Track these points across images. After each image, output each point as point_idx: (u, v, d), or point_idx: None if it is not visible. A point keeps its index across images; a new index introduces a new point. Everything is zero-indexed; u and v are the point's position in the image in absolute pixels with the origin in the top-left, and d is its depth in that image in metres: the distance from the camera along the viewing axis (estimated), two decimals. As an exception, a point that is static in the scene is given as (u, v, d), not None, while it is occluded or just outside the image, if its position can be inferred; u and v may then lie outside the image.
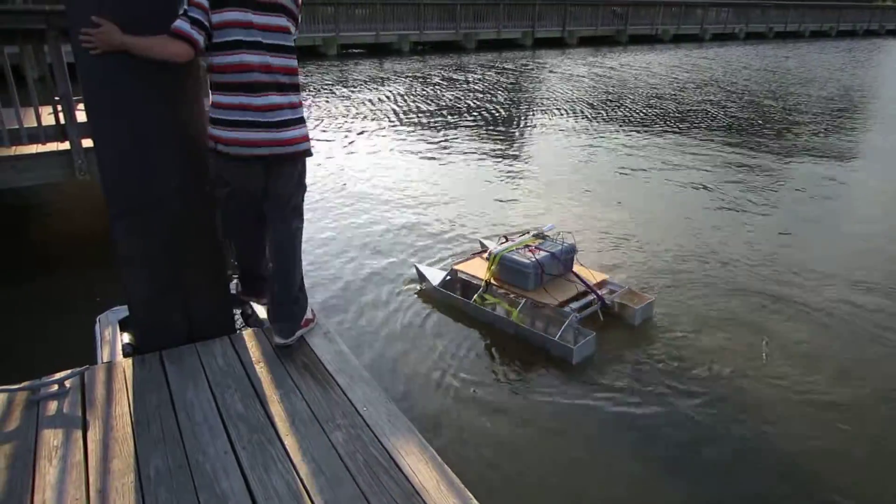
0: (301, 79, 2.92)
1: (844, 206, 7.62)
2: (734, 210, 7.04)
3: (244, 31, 2.58)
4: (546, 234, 4.84)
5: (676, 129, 11.33)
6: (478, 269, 4.69)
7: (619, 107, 13.46)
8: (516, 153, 9.57)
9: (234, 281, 3.34)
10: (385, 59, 21.13)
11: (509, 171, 8.40)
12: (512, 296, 4.40)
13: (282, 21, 2.70)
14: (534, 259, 4.34)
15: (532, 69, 20.15)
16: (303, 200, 2.99)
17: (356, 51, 22.51)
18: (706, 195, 7.56)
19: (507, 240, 4.82)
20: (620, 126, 11.47)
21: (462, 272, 4.74)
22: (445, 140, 9.95)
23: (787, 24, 37.92)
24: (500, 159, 8.99)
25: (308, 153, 2.85)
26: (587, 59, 22.87)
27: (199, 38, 2.52)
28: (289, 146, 2.74)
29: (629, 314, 4.43)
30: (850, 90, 17.55)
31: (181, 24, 2.49)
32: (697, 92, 16.09)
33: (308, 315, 3.11)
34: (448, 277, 4.76)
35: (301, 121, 2.80)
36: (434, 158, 8.87)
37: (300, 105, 2.81)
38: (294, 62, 2.78)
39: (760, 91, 16.70)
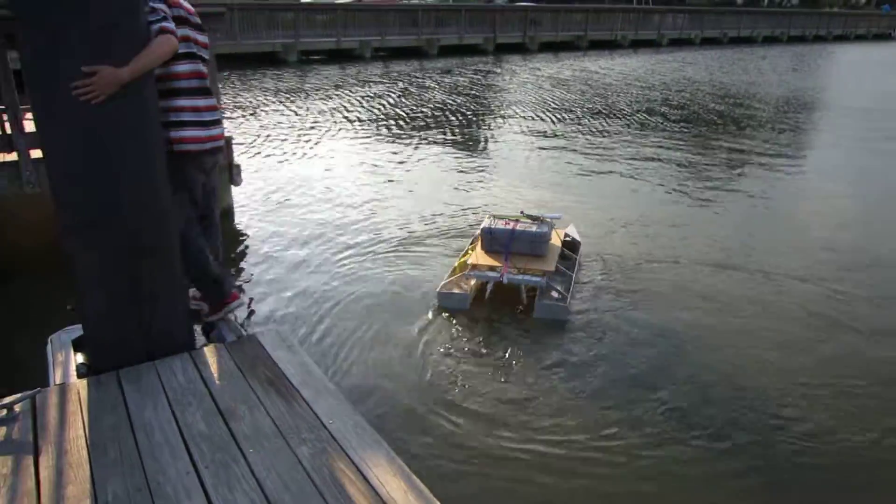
0: (261, 86, 3.08)
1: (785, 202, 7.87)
2: (687, 201, 7.19)
3: (191, 45, 2.97)
4: (544, 219, 5.13)
5: (635, 130, 11.51)
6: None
7: (579, 109, 13.61)
8: (480, 156, 9.62)
9: (192, 294, 3.27)
10: (347, 64, 21.02)
11: (473, 173, 8.44)
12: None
13: (207, 39, 3.16)
14: (489, 226, 4.93)
15: (494, 74, 20.28)
16: None
17: (317, 57, 22.35)
18: (667, 195, 7.71)
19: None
20: (580, 127, 11.60)
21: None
22: (408, 144, 9.93)
23: (740, 29, 38.86)
24: (463, 162, 9.01)
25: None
26: (548, 64, 23.12)
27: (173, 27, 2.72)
28: (221, 140, 3.20)
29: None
30: (800, 91, 18.07)
31: (165, 24, 2.65)
32: (653, 93, 16.38)
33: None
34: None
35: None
36: (396, 162, 8.84)
37: None
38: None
39: (716, 93, 17.07)
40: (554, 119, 12.66)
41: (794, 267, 5.74)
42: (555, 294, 4.69)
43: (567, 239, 5.60)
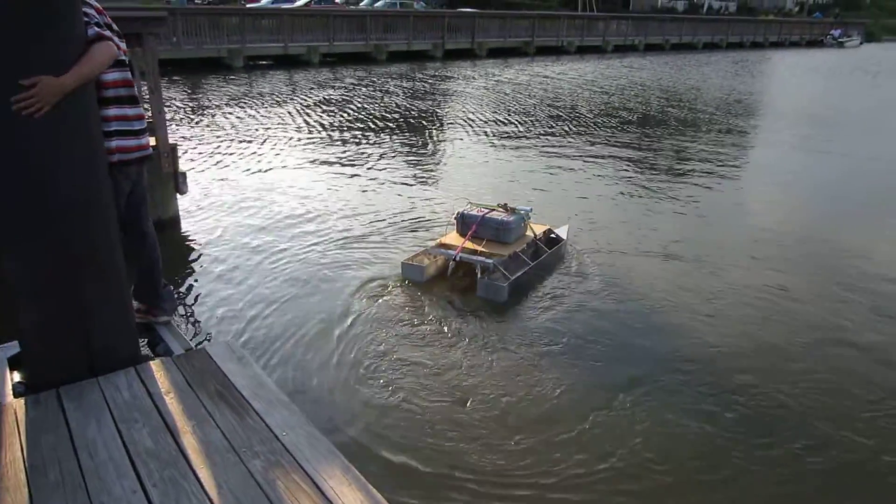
0: (206, 93, 3.03)
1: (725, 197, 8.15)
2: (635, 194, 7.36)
3: (119, 53, 2.85)
4: (515, 210, 5.53)
5: (580, 131, 11.70)
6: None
7: (524, 113, 13.77)
8: (434, 158, 9.65)
9: (137, 307, 3.18)
10: (294, 70, 20.78)
11: (422, 177, 8.44)
12: None
13: (124, 45, 3.03)
14: (460, 212, 5.52)
15: (443, 79, 20.35)
16: None
17: (264, 63, 22.04)
18: (619, 192, 7.87)
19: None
20: (536, 129, 11.73)
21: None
22: (360, 149, 9.86)
23: (681, 36, 40.01)
24: (412, 167, 9.00)
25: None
26: (497, 70, 23.34)
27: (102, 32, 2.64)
28: (148, 150, 3.16)
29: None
30: (741, 95, 18.71)
31: (101, 29, 2.60)
32: (605, 97, 16.70)
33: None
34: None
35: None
36: (348, 167, 8.76)
37: None
38: None
39: (665, 97, 17.51)
40: (510, 121, 12.77)
41: (734, 255, 6.12)
42: (499, 277, 4.96)
43: (552, 236, 5.85)
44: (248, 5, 31.72)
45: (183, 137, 10.15)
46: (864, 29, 56.00)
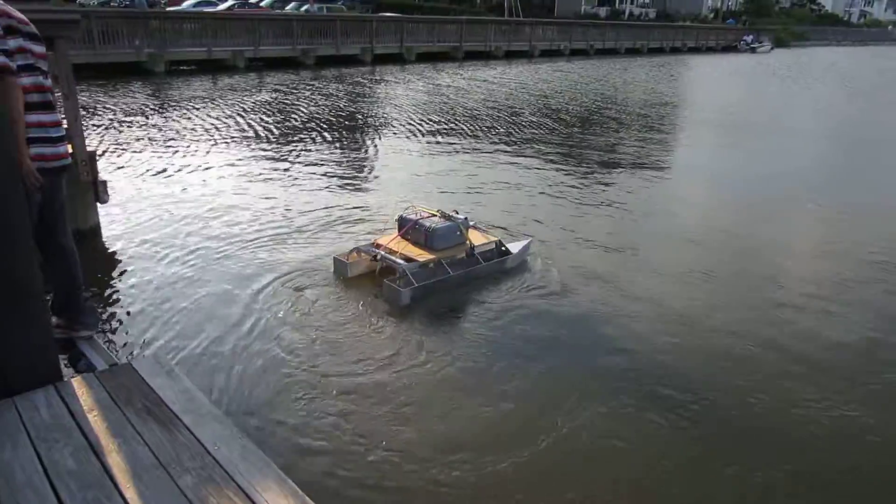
0: (125, 98, 2.94)
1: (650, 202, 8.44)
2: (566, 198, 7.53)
3: (27, 56, 2.81)
4: (451, 216, 5.49)
5: (507, 136, 11.87)
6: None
7: (453, 117, 13.85)
8: (358, 165, 9.55)
9: (56, 323, 3.04)
10: (219, 75, 20.27)
11: (351, 183, 8.36)
12: None
13: (44, 49, 2.96)
14: (401, 214, 5.57)
15: (371, 85, 20.28)
16: None
17: (187, 67, 21.41)
18: (549, 195, 8.01)
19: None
20: (459, 136, 11.82)
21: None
22: (286, 155, 9.69)
23: (605, 42, 41.16)
24: (345, 169, 8.92)
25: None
26: (424, 74, 23.41)
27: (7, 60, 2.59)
28: (67, 159, 3.06)
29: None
30: (664, 97, 19.40)
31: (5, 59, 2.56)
32: (537, 100, 16.98)
33: None
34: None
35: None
36: (274, 174, 8.59)
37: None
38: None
39: (593, 101, 17.96)
40: (449, 125, 12.82)
41: (663, 250, 6.43)
42: (405, 281, 4.96)
43: (502, 248, 5.65)
44: (169, 8, 30.89)
45: (102, 145, 9.75)
46: (774, 35, 58.96)
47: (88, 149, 5.74)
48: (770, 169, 10.68)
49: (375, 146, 11.12)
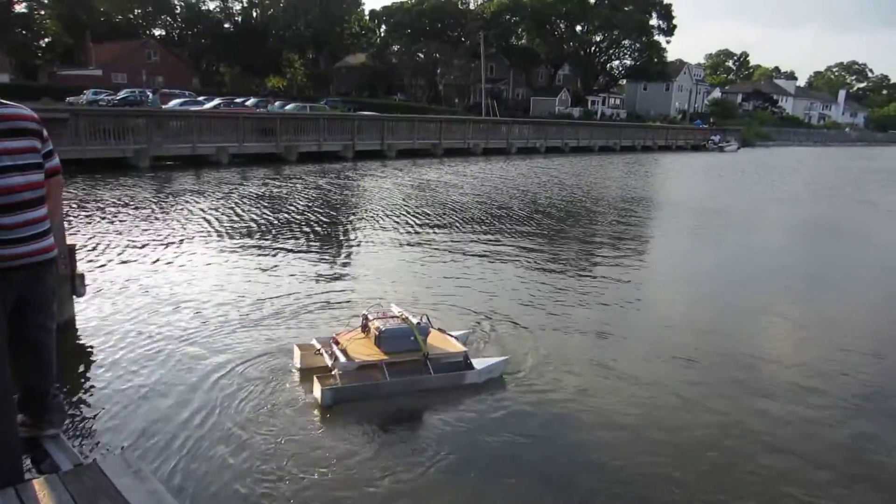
0: (109, 192, 2.98)
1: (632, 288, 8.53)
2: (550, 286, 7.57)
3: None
4: (408, 318, 5.29)
5: (492, 228, 12.07)
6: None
7: (439, 210, 14.10)
8: (341, 257, 9.63)
9: (21, 420, 2.95)
10: (203, 170, 20.60)
11: (333, 274, 8.38)
12: None
13: (21, 144, 2.88)
14: (364, 313, 5.47)
15: (353, 180, 20.70)
16: None
17: (171, 163, 21.77)
18: (525, 286, 8.06)
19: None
20: (440, 229, 11.99)
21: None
22: (268, 251, 9.74)
23: (579, 140, 42.78)
24: (324, 263, 8.95)
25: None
26: (407, 169, 24.01)
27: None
28: (38, 256, 2.95)
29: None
30: (637, 192, 20.00)
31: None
32: (506, 197, 17.38)
33: None
34: None
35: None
36: (254, 269, 8.60)
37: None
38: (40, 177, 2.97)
39: (571, 195, 18.44)
40: (432, 220, 13.01)
41: (638, 338, 6.48)
42: (332, 381, 4.88)
43: (466, 361, 5.30)
44: (163, 106, 31.79)
45: (82, 238, 9.75)
46: (740, 135, 61.67)
47: (68, 242, 5.75)
48: (743, 261, 10.99)
49: (359, 238, 11.24)
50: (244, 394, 4.84)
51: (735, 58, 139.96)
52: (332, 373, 4.94)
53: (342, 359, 4.92)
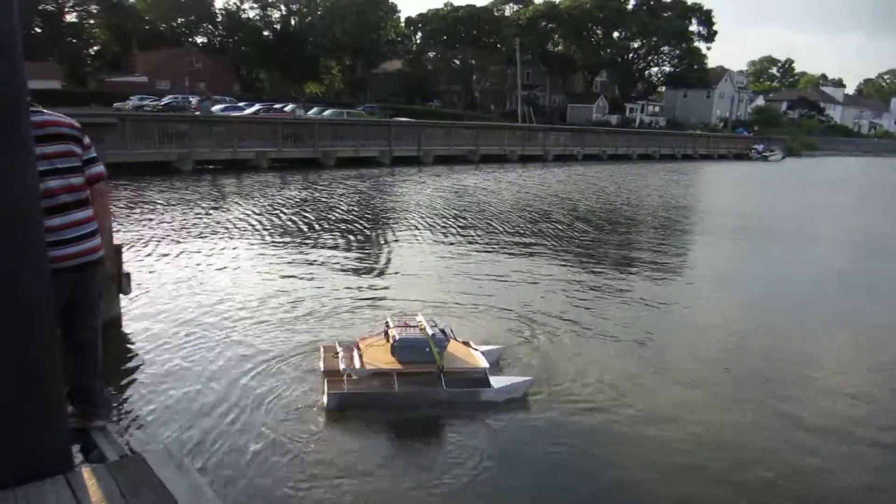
0: (154, 194, 3.04)
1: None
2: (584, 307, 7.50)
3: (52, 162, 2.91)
4: (424, 328, 5.17)
5: (534, 237, 12.03)
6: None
7: (469, 218, 14.10)
8: (378, 264, 9.68)
9: (71, 411, 3.04)
10: (243, 174, 21.01)
11: (373, 280, 8.43)
12: None
13: (61, 148, 2.98)
14: (387, 319, 5.47)
15: (391, 185, 20.88)
16: None
17: (212, 167, 22.24)
18: (566, 294, 8.00)
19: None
20: (476, 235, 12.00)
21: None
22: (308, 251, 9.87)
23: (617, 147, 42.36)
24: (361, 269, 9.03)
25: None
26: (442, 176, 24.10)
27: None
28: (88, 256, 3.06)
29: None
30: (680, 200, 19.75)
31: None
32: (544, 203, 17.31)
33: None
34: None
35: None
36: (294, 269, 8.70)
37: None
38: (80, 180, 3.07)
39: (606, 203, 18.30)
40: (469, 225, 13.04)
41: (681, 353, 6.22)
42: (343, 385, 4.84)
43: (483, 378, 5.08)
44: (196, 112, 32.57)
45: (129, 238, 10.01)
46: (785, 144, 60.25)
47: (115, 242, 5.90)
48: (790, 275, 10.67)
49: (399, 242, 11.32)
50: (274, 393, 4.90)
51: (779, 65, 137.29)
52: (342, 377, 4.91)
53: (356, 364, 4.89)
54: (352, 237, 11.50)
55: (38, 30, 62.10)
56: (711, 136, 57.17)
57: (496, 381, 5.07)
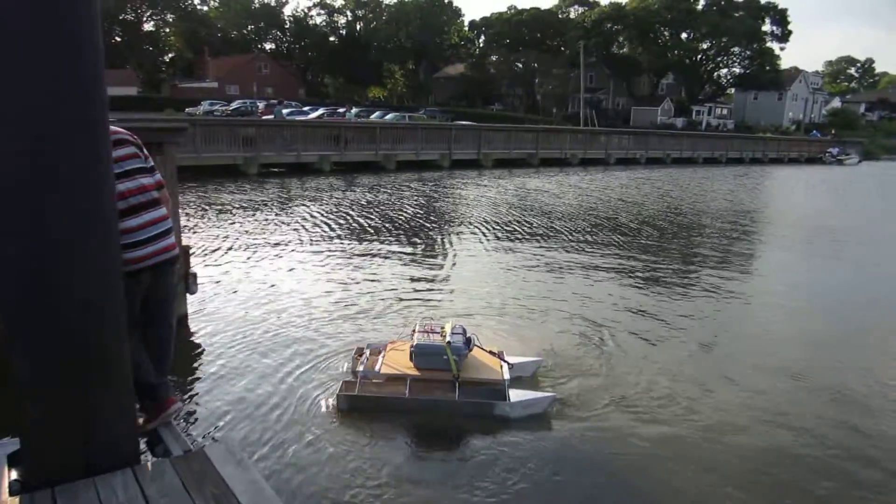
0: (222, 196, 3.13)
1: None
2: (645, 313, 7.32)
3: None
4: (444, 335, 5.08)
5: (599, 241, 11.86)
6: None
7: (532, 221, 14.01)
8: (441, 268, 9.68)
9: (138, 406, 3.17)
10: (306, 177, 21.48)
11: (430, 282, 8.48)
12: None
13: (126, 151, 3.15)
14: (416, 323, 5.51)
15: (452, 188, 20.95)
16: None
17: (276, 170, 22.82)
18: (629, 300, 7.85)
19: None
20: (535, 239, 11.90)
21: None
22: (372, 254, 9.99)
23: (682, 151, 41.33)
24: (423, 272, 9.09)
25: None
26: (504, 179, 24.04)
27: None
28: (163, 254, 3.19)
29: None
30: (749, 206, 19.10)
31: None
32: (608, 207, 17.04)
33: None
34: None
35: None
36: (357, 272, 8.83)
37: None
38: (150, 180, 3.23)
39: (665, 207, 17.88)
40: (513, 230, 12.99)
41: (751, 364, 5.91)
42: (355, 387, 4.87)
43: (502, 391, 4.87)
44: (263, 116, 33.50)
45: (196, 239, 10.38)
46: (861, 147, 57.53)
47: (183, 243, 6.14)
48: (867, 286, 10.14)
49: (460, 244, 11.34)
50: (315, 393, 5.01)
51: (858, 65, 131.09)
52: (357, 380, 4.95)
53: (376, 367, 4.98)
54: (417, 239, 11.60)
55: (118, 38, 65.01)
56: (782, 138, 55.12)
57: (515, 395, 4.82)
